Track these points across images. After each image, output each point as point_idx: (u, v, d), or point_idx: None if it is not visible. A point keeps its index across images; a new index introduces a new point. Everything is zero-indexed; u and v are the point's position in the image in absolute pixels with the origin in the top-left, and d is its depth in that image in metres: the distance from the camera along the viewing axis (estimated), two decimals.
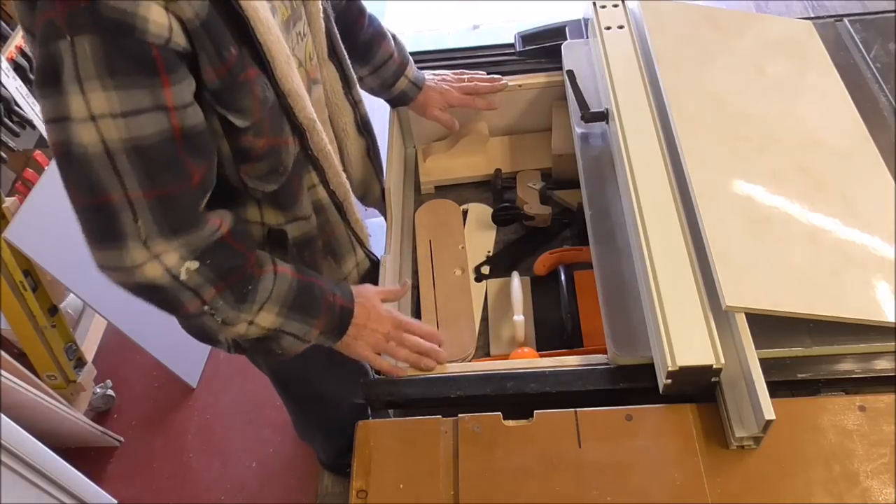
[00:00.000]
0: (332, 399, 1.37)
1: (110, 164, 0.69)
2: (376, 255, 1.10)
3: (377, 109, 1.31)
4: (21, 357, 1.74)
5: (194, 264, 0.78)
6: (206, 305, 0.81)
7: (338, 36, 1.01)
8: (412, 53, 1.39)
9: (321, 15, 0.94)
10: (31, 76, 1.76)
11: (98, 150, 0.69)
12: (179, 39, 0.69)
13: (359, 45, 1.14)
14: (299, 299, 0.89)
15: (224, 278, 0.81)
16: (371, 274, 1.11)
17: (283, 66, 0.81)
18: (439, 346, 0.97)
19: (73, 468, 1.52)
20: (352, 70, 1.05)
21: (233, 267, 0.83)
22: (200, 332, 1.03)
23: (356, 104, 1.07)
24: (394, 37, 1.22)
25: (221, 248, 0.81)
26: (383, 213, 1.22)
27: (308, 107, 0.87)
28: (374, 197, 1.23)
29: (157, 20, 0.66)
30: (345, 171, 1.12)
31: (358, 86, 1.08)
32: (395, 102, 1.28)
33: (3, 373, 1.52)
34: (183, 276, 0.78)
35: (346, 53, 1.03)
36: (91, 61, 0.65)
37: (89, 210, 0.74)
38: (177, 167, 0.73)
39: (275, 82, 0.81)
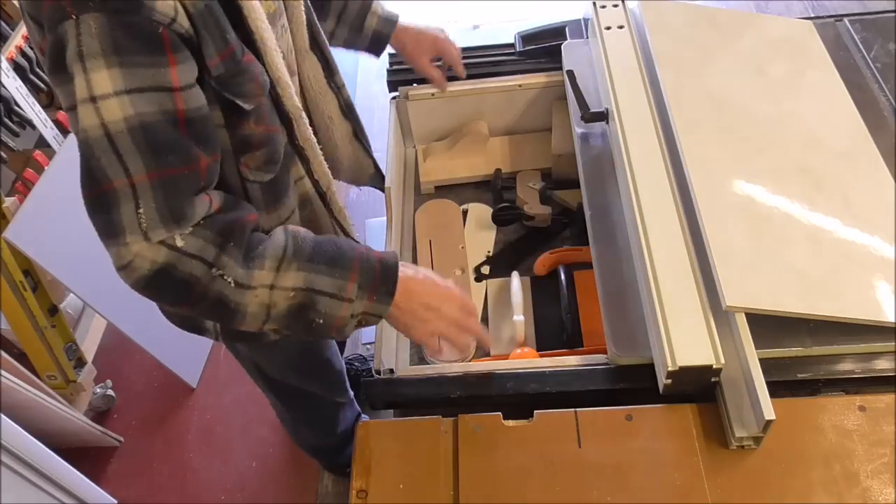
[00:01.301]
0: (318, 398, 1.36)
1: (111, 146, 0.68)
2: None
3: (377, 109, 1.31)
4: (21, 357, 1.74)
5: (187, 230, 0.74)
6: (213, 268, 0.75)
7: (318, 26, 1.01)
8: None
9: (302, 9, 0.95)
10: (31, 77, 1.76)
11: (98, 133, 0.67)
12: (183, 22, 0.69)
13: (315, 1, 1.09)
14: (322, 250, 0.81)
15: (223, 234, 0.76)
16: None
17: (273, 54, 0.81)
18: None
19: (73, 468, 1.52)
20: (333, 56, 1.05)
21: (230, 220, 0.77)
22: (215, 308, 0.82)
23: (339, 89, 1.07)
24: None
25: (214, 216, 0.77)
26: (380, 187, 1.22)
27: (294, 96, 0.87)
28: (368, 175, 1.23)
29: (164, 0, 0.67)
30: (333, 156, 1.12)
31: (338, 72, 1.07)
32: (374, 46, 1.21)
33: (3, 373, 1.52)
34: (179, 243, 0.73)
35: (326, 40, 1.03)
36: (96, 39, 0.64)
37: (93, 202, 0.72)
38: (182, 149, 0.72)
39: (266, 70, 0.81)
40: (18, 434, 1.35)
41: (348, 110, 1.11)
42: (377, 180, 1.24)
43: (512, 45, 1.41)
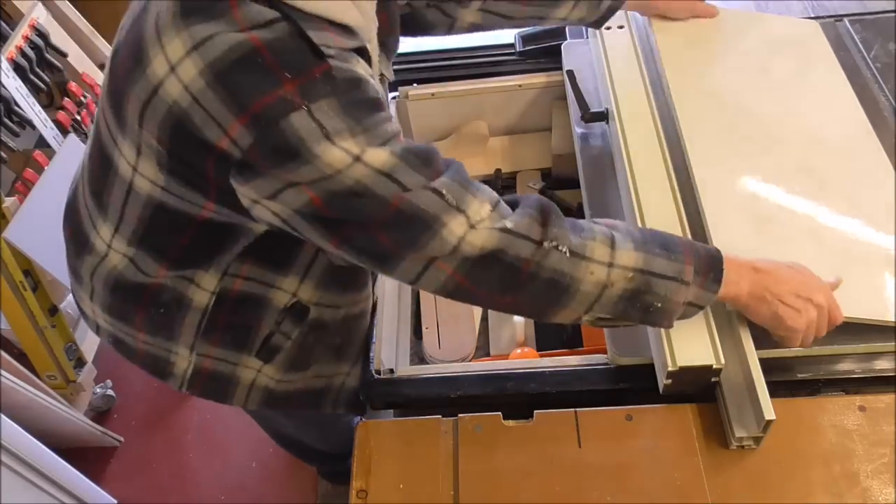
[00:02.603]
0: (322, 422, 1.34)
1: (389, 178, 0.69)
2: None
3: None
4: (21, 357, 1.74)
5: (509, 212, 0.74)
6: (544, 242, 0.73)
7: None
8: (412, 53, 1.40)
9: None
10: (31, 77, 1.76)
11: (376, 177, 0.69)
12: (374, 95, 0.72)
13: None
14: (649, 234, 0.80)
15: (543, 212, 0.75)
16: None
17: None
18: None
19: (73, 468, 1.52)
20: None
21: (545, 203, 0.76)
22: (546, 289, 0.77)
23: None
24: None
25: (521, 200, 0.77)
26: None
27: None
28: None
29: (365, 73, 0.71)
30: None
31: None
32: (605, 19, 1.16)
33: (3, 373, 1.52)
34: (509, 225, 0.72)
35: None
36: (337, 118, 0.66)
37: (389, 225, 0.71)
38: (432, 151, 0.74)
39: None
40: (18, 434, 1.35)
41: None
42: None
43: (512, 45, 1.41)
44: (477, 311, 1.18)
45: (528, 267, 0.73)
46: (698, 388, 0.86)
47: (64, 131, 1.81)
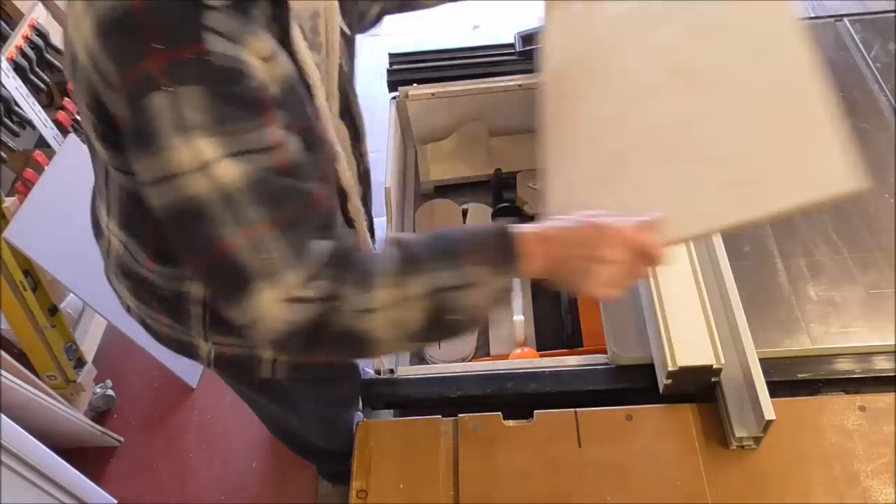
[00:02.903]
0: (328, 412, 1.35)
1: (228, 206, 0.65)
2: None
3: (377, 109, 1.31)
4: (21, 357, 1.73)
5: (307, 275, 0.69)
6: (334, 301, 0.70)
7: (356, 94, 0.98)
8: (412, 53, 1.40)
9: (336, 77, 0.92)
10: (31, 77, 1.76)
11: (214, 197, 0.64)
12: (275, 89, 0.67)
13: None
14: (432, 248, 0.75)
15: (338, 266, 0.71)
16: None
17: (332, 130, 0.79)
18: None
19: (73, 468, 1.52)
20: (363, 125, 1.01)
21: (338, 250, 0.72)
22: (346, 343, 0.78)
23: (361, 157, 1.03)
24: None
25: (335, 256, 0.73)
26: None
27: (346, 170, 0.85)
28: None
29: (259, 66, 0.65)
30: None
31: (366, 139, 1.02)
32: None
33: (3, 373, 1.52)
34: (308, 293, 0.69)
35: (360, 109, 0.99)
36: (199, 111, 0.61)
37: (212, 266, 0.68)
38: (296, 191, 0.69)
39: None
40: (18, 434, 1.35)
41: (364, 177, 1.04)
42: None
43: (512, 45, 1.41)
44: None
45: (327, 334, 0.71)
46: (698, 387, 0.86)
47: (64, 131, 1.80)
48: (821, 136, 0.74)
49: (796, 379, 0.88)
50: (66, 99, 1.88)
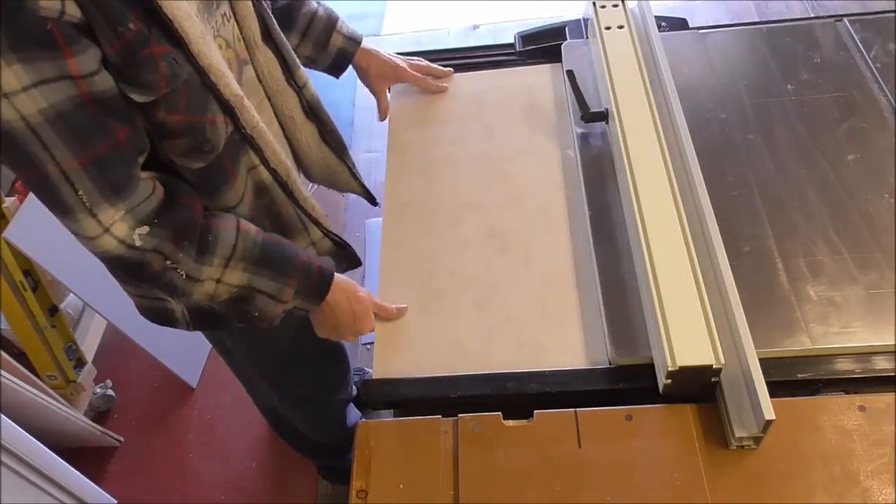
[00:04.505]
0: (317, 392, 1.36)
1: (36, 137, 0.70)
2: (338, 235, 1.09)
3: (377, 109, 1.31)
4: (21, 357, 1.74)
5: (144, 228, 0.80)
6: (168, 260, 0.82)
7: (273, 20, 0.98)
8: (411, 54, 1.39)
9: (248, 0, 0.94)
10: None
11: (21, 125, 0.69)
12: (73, 11, 0.68)
13: (277, 15, 1.08)
14: (268, 256, 0.91)
15: (178, 232, 0.83)
16: (336, 255, 1.10)
17: (199, 41, 0.79)
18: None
19: (73, 468, 1.52)
20: (293, 54, 1.01)
21: (183, 219, 0.83)
22: (161, 308, 1.00)
23: (300, 88, 1.03)
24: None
25: (167, 207, 0.82)
26: (369, 199, 1.23)
27: (232, 84, 0.85)
28: (344, 181, 1.17)
29: None
30: (300, 156, 1.10)
31: (301, 69, 1.04)
32: (337, 65, 1.22)
33: (3, 373, 1.52)
34: (138, 243, 0.80)
35: (284, 37, 1.00)
36: None
37: (35, 184, 0.75)
38: (99, 128, 0.74)
39: (192, 59, 0.80)
40: (18, 434, 1.35)
41: (311, 111, 1.06)
42: (357, 188, 1.19)
43: (512, 45, 1.41)
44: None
45: (147, 276, 0.83)
46: (698, 387, 0.86)
47: None
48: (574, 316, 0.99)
49: (796, 379, 0.88)
50: None
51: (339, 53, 1.20)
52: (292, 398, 1.35)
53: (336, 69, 1.23)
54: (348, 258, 1.12)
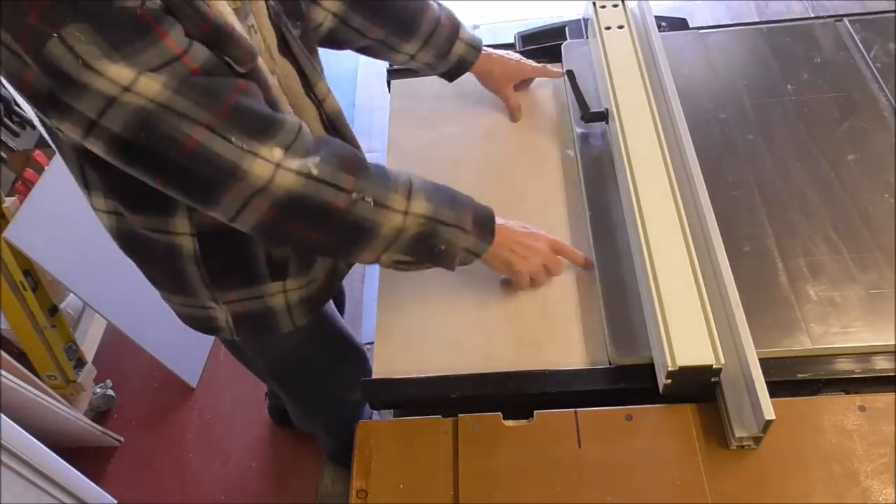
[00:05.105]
0: (333, 397, 1.37)
1: (172, 112, 0.69)
2: None
3: (377, 109, 1.31)
4: (21, 357, 1.74)
5: (316, 158, 0.78)
6: (353, 192, 0.80)
7: (293, 33, 0.97)
8: None
9: (265, 12, 0.94)
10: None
11: (153, 106, 0.69)
12: (153, 3, 0.69)
13: (401, 20, 1.11)
14: (439, 188, 0.90)
15: (351, 162, 0.82)
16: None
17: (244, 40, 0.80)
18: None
19: (73, 468, 1.52)
20: (313, 66, 1.01)
21: (346, 150, 0.83)
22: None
23: (320, 102, 1.03)
24: (437, 2, 1.16)
25: (326, 142, 0.82)
26: None
27: (272, 88, 0.86)
28: None
29: None
30: None
31: (323, 82, 1.03)
32: (455, 71, 1.21)
33: (3, 373, 1.52)
34: (315, 171, 0.78)
35: (306, 51, 0.98)
36: (92, 45, 0.65)
37: (189, 161, 0.73)
38: (221, 84, 0.73)
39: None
40: (18, 434, 1.35)
41: (331, 124, 1.04)
42: None
43: (512, 45, 1.41)
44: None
45: (336, 211, 0.80)
46: (698, 387, 0.86)
47: None
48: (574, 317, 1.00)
49: (796, 379, 0.88)
50: None
51: (460, 61, 1.19)
52: (307, 400, 1.36)
53: (452, 75, 1.22)
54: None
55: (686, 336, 0.84)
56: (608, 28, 1.24)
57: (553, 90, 1.32)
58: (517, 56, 1.28)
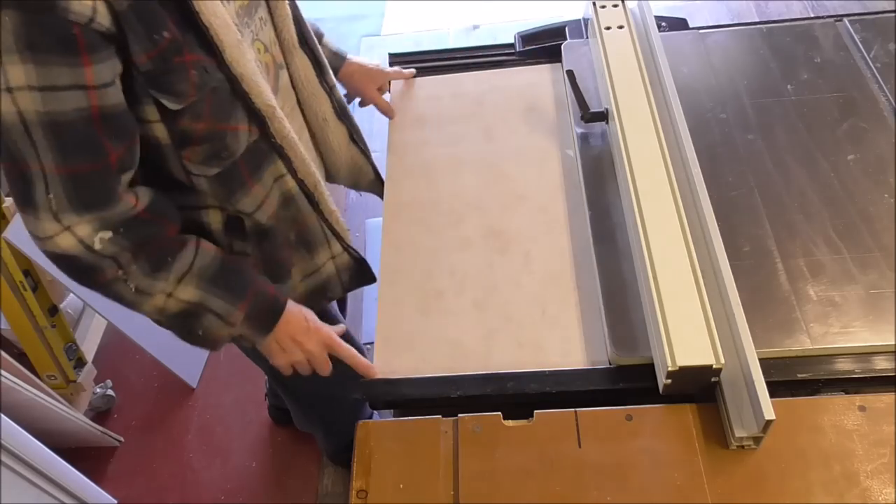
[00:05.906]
0: (332, 396, 1.37)
1: (26, 134, 0.70)
2: (357, 251, 1.10)
3: (377, 110, 1.31)
4: (21, 357, 1.74)
5: (107, 234, 0.79)
6: (120, 271, 0.82)
7: (306, 24, 1.00)
8: (412, 53, 1.40)
9: (287, 11, 0.94)
10: None
11: (15, 120, 0.69)
12: (104, 20, 0.68)
13: None
14: (223, 276, 0.89)
15: (140, 246, 0.82)
16: (354, 271, 1.11)
17: (234, 50, 0.80)
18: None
19: (73, 468, 1.52)
20: (323, 56, 1.04)
21: (148, 235, 0.83)
22: (112, 299, 0.99)
23: (331, 90, 1.06)
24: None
25: (136, 221, 0.82)
26: (379, 193, 1.24)
27: (265, 93, 0.86)
28: (368, 180, 1.23)
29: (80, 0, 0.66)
30: (330, 159, 1.12)
31: (330, 72, 1.06)
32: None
33: (3, 373, 1.52)
34: (97, 246, 0.79)
35: (315, 40, 1.02)
36: (11, 34, 0.65)
37: (10, 174, 0.75)
38: (92, 146, 0.74)
39: (225, 67, 0.80)
40: (18, 434, 1.35)
41: (342, 112, 1.09)
42: (377, 186, 1.24)
43: (512, 45, 1.41)
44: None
45: (98, 282, 0.83)
46: (698, 387, 0.86)
47: None
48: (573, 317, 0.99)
49: (796, 379, 0.88)
50: None
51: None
52: (307, 400, 1.35)
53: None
54: (364, 275, 1.13)
55: (686, 336, 0.84)
56: (608, 28, 1.24)
57: (553, 90, 1.32)
58: (376, 62, 1.32)
